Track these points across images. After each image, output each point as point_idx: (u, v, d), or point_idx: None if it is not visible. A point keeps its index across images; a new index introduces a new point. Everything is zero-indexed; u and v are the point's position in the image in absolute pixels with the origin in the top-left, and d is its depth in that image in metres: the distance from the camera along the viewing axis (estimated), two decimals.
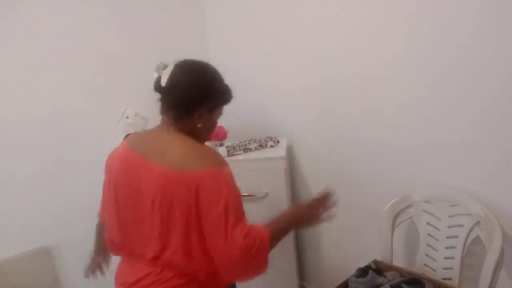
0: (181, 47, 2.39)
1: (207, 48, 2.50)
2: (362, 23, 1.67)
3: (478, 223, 1.41)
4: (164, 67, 1.14)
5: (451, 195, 1.51)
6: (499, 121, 1.35)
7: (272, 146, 2.07)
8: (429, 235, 1.57)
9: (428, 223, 1.57)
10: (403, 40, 1.54)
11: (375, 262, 1.58)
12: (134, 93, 2.23)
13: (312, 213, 1.25)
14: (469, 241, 1.45)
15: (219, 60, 2.46)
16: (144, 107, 2.05)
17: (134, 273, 1.16)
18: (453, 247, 1.49)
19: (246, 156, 1.99)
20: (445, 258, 1.51)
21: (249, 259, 1.05)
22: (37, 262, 2.03)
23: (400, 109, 1.63)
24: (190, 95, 1.12)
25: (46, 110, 1.99)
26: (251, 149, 2.04)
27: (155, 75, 1.15)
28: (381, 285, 1.42)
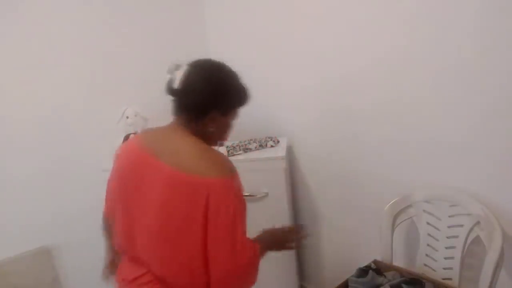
0: (181, 47, 2.40)
1: (207, 48, 2.49)
2: (362, 23, 1.67)
3: (478, 223, 1.41)
4: (176, 68, 1.09)
5: (451, 195, 1.51)
6: (499, 121, 1.35)
7: (272, 146, 2.07)
8: (429, 235, 1.57)
9: (428, 223, 1.57)
10: (403, 40, 1.54)
11: (375, 262, 1.58)
12: (134, 93, 2.24)
13: (283, 241, 1.31)
14: (469, 241, 1.45)
15: (219, 60, 2.49)
16: (144, 107, 2.06)
17: (133, 271, 1.16)
18: (453, 247, 1.49)
19: (246, 156, 1.99)
20: (445, 258, 1.51)
21: (249, 272, 1.09)
22: (37, 262, 2.03)
23: (400, 109, 1.63)
24: (203, 99, 1.09)
25: (46, 110, 1.99)
26: (251, 149, 2.04)
27: (167, 76, 1.11)
28: (381, 285, 1.42)
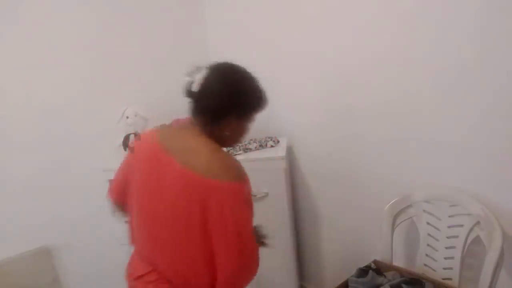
0: (181, 47, 2.40)
1: (207, 48, 2.49)
2: (361, 23, 1.67)
3: (478, 223, 1.41)
4: (196, 70, 1.11)
5: (451, 195, 1.51)
6: (499, 121, 1.35)
7: (272, 146, 2.07)
8: (429, 235, 1.57)
9: (428, 223, 1.57)
10: (403, 40, 1.54)
11: (375, 262, 1.58)
12: (134, 93, 2.24)
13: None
14: (469, 241, 1.45)
15: (219, 60, 2.49)
16: (144, 107, 2.06)
17: (140, 267, 1.19)
18: (453, 247, 1.49)
19: (246, 156, 1.98)
20: (445, 258, 1.51)
21: (253, 272, 1.13)
22: (37, 262, 2.03)
23: (400, 109, 1.63)
24: (220, 103, 1.10)
25: (46, 110, 1.99)
26: (251, 149, 2.04)
27: (186, 79, 1.12)
28: (381, 285, 1.42)
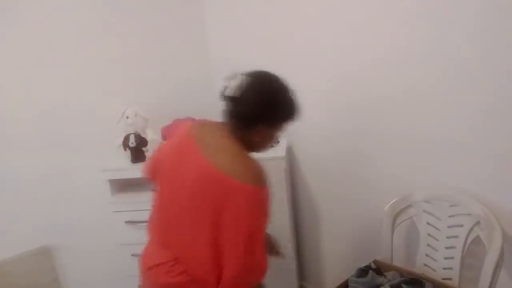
0: (181, 47, 2.41)
1: (207, 48, 2.50)
2: (362, 23, 1.67)
3: (478, 223, 1.41)
4: (234, 76, 1.16)
5: (451, 195, 1.51)
6: (499, 121, 1.35)
7: (272, 146, 2.06)
8: (429, 235, 1.57)
9: (428, 223, 1.57)
10: (403, 40, 1.54)
11: (375, 262, 1.58)
12: (134, 93, 2.24)
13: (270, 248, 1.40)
14: (469, 241, 1.45)
15: (218, 60, 2.49)
16: (144, 107, 2.06)
17: (153, 258, 1.24)
18: (453, 247, 1.49)
19: None
20: (445, 258, 1.51)
21: (257, 278, 1.17)
22: (37, 262, 2.04)
23: (400, 110, 1.63)
24: (253, 111, 1.15)
25: (47, 110, 2.00)
26: None
27: (225, 83, 1.17)
28: (381, 285, 1.42)
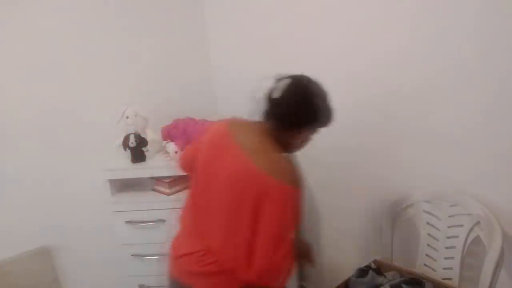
0: (181, 47, 2.40)
1: (207, 48, 2.50)
2: (362, 23, 1.67)
3: (478, 223, 1.41)
4: (279, 79, 1.20)
5: (451, 195, 1.51)
6: (500, 121, 1.35)
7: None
8: (429, 235, 1.57)
9: (428, 223, 1.57)
10: (403, 40, 1.54)
11: (375, 262, 1.58)
12: (134, 93, 2.24)
13: (303, 255, 1.47)
14: (469, 241, 1.45)
15: (219, 60, 2.49)
16: (144, 107, 2.06)
17: (184, 247, 1.29)
18: (453, 247, 1.49)
19: None
20: (445, 258, 1.51)
21: (282, 276, 1.19)
22: (37, 262, 2.04)
23: (400, 110, 1.63)
24: (295, 115, 1.20)
25: (46, 110, 1.99)
26: None
27: (269, 84, 1.21)
28: (381, 285, 1.42)
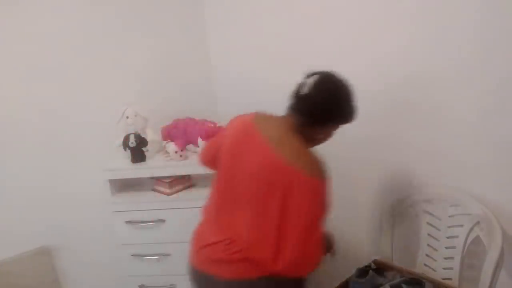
0: (181, 47, 2.40)
1: (207, 48, 2.49)
2: (361, 23, 1.67)
3: (478, 223, 1.41)
4: (309, 75, 1.23)
5: (451, 195, 1.51)
6: (499, 121, 1.35)
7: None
8: (429, 235, 1.57)
9: (428, 223, 1.57)
10: (403, 40, 1.54)
11: (375, 262, 1.58)
12: (134, 93, 2.24)
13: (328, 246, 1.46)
14: (469, 241, 1.45)
15: (219, 60, 2.49)
16: (144, 107, 2.06)
17: (209, 237, 1.30)
18: (453, 247, 1.49)
19: None
20: (445, 258, 1.51)
21: (313, 266, 1.22)
22: (37, 262, 2.03)
23: (399, 110, 1.63)
24: (323, 112, 1.23)
25: (46, 110, 1.99)
26: None
27: (299, 80, 1.23)
28: (381, 285, 1.42)
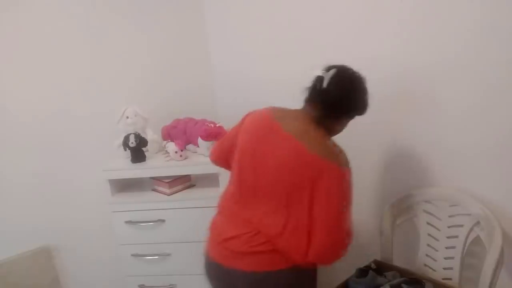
0: (181, 47, 2.40)
1: (207, 48, 2.49)
2: (361, 23, 1.67)
3: (478, 223, 1.41)
4: (329, 69, 1.27)
5: (451, 195, 1.51)
6: (499, 121, 1.35)
7: None
8: (429, 235, 1.57)
9: (428, 223, 1.57)
10: (403, 40, 1.54)
11: (375, 262, 1.58)
12: (134, 93, 2.24)
13: None
14: (469, 241, 1.45)
15: (219, 60, 2.49)
16: (144, 107, 2.06)
17: (230, 228, 1.31)
18: (453, 247, 1.49)
19: None
20: (445, 258, 1.51)
21: (342, 253, 1.24)
22: (37, 262, 2.03)
23: (399, 110, 1.63)
24: (342, 106, 1.29)
25: (46, 110, 1.99)
26: None
27: (318, 73, 1.28)
28: (381, 285, 1.42)
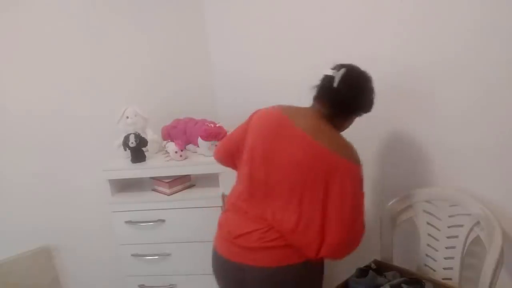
0: (181, 47, 2.40)
1: (207, 48, 2.49)
2: (361, 23, 1.67)
3: (478, 223, 1.41)
4: (339, 68, 1.28)
5: (451, 195, 1.51)
6: (499, 121, 1.35)
7: None
8: (429, 235, 1.57)
9: (428, 223, 1.57)
10: (403, 40, 1.54)
11: (375, 262, 1.58)
12: (134, 93, 2.24)
13: None
14: (469, 241, 1.45)
15: (219, 60, 2.49)
16: (144, 107, 2.06)
17: (241, 225, 1.30)
18: (453, 247, 1.49)
19: None
20: (445, 258, 1.51)
21: (355, 247, 1.26)
22: (37, 262, 2.04)
23: (399, 110, 1.63)
24: (352, 105, 1.31)
25: (46, 110, 2.00)
26: None
27: (328, 72, 1.29)
28: (381, 285, 1.42)
